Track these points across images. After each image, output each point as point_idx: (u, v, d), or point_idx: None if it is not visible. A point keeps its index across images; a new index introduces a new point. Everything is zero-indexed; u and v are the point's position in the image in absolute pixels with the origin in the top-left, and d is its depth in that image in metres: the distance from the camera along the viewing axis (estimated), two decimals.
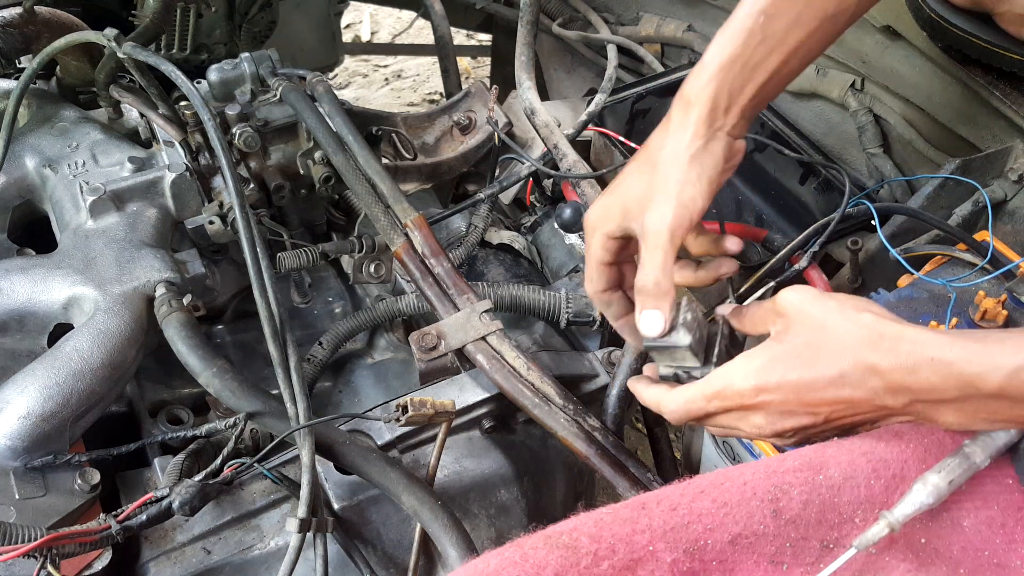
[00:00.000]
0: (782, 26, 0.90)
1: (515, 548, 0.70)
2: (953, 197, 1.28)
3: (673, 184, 0.90)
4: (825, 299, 0.79)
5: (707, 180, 0.90)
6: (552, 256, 1.38)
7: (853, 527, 0.73)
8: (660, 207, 0.89)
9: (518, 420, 1.15)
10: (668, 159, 0.91)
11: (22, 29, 1.29)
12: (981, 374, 0.70)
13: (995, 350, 0.70)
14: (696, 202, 0.89)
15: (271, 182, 1.23)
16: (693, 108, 0.92)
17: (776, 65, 0.91)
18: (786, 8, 0.90)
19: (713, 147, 0.91)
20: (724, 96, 0.91)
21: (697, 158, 0.90)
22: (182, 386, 1.19)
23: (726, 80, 0.91)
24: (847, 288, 1.23)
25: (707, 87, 0.91)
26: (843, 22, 0.92)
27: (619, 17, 1.78)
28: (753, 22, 0.90)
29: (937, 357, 0.72)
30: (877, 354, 0.74)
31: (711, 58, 0.92)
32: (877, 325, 0.75)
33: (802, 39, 0.90)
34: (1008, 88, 1.25)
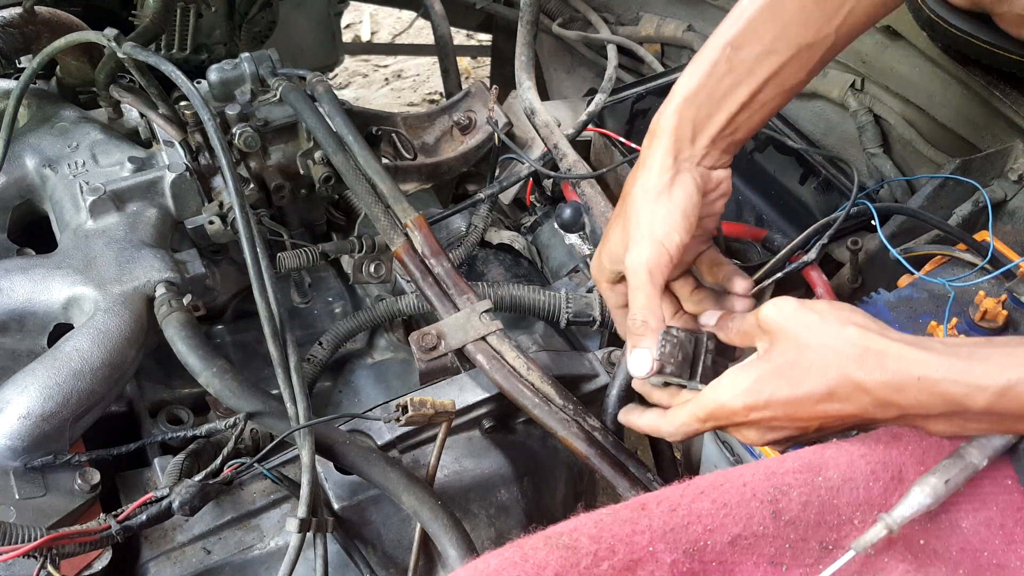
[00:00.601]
0: (750, 56, 0.89)
1: (515, 548, 0.70)
2: (953, 197, 1.28)
3: (645, 224, 0.90)
4: (807, 313, 0.79)
5: (680, 214, 0.89)
6: (552, 256, 1.38)
7: (852, 528, 0.73)
8: (635, 247, 0.90)
9: (518, 420, 1.15)
10: (639, 198, 0.92)
11: (22, 29, 1.29)
12: (968, 394, 0.70)
13: (981, 371, 0.70)
14: (671, 237, 0.89)
15: (271, 182, 1.23)
16: (658, 141, 0.92)
17: (746, 96, 0.90)
18: (754, 39, 0.89)
19: (682, 180, 0.91)
20: (688, 127, 0.91)
21: (664, 193, 0.90)
22: (182, 386, 1.19)
23: (688, 111, 0.91)
24: (847, 288, 1.24)
25: (670, 119, 0.91)
26: (823, 51, 0.90)
27: (619, 17, 1.78)
28: (719, 53, 0.90)
29: (923, 376, 0.72)
30: (863, 371, 0.74)
31: (676, 90, 0.92)
32: (862, 339, 0.75)
33: (775, 69, 0.89)
34: (1008, 88, 1.25)
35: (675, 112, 0.91)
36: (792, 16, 0.88)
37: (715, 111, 0.91)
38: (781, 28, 0.88)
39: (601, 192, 1.29)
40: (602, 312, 1.21)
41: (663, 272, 0.89)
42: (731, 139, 0.93)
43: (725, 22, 0.92)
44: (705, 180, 0.93)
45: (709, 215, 0.97)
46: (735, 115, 0.91)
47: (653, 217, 0.89)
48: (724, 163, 0.95)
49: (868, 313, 1.09)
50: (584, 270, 1.30)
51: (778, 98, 0.92)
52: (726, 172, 0.95)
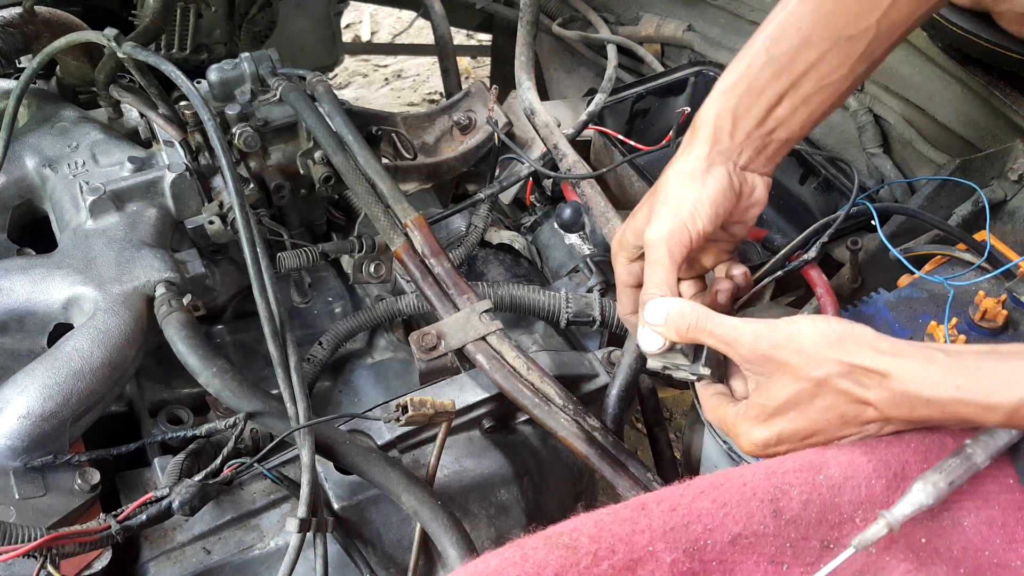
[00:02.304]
0: (789, 47, 0.88)
1: (515, 548, 0.70)
2: (953, 197, 1.28)
3: (672, 202, 0.90)
4: (793, 342, 0.77)
5: (708, 202, 0.89)
6: (552, 256, 1.38)
7: (853, 527, 0.73)
8: (657, 222, 0.90)
9: (518, 420, 1.15)
10: (670, 179, 0.91)
11: (22, 29, 1.29)
12: (980, 414, 0.71)
13: (990, 388, 0.70)
14: (695, 220, 0.88)
15: (271, 182, 1.23)
16: (697, 131, 0.92)
17: (784, 87, 0.89)
18: (793, 31, 0.88)
19: (717, 172, 0.90)
20: (727, 118, 0.90)
21: (697, 179, 0.90)
22: (182, 386, 1.19)
23: (729, 102, 0.90)
24: (847, 288, 1.23)
25: (710, 109, 0.91)
26: (865, 45, 0.88)
27: (619, 17, 1.78)
28: (759, 46, 0.90)
29: (932, 398, 0.72)
30: (870, 392, 0.74)
31: (718, 84, 0.92)
32: (858, 361, 0.74)
33: (813, 61, 0.88)
34: (1008, 88, 1.25)
35: (715, 103, 0.91)
36: (831, 8, 0.87)
37: (753, 103, 0.90)
38: (819, 20, 0.87)
39: (601, 192, 1.29)
40: (602, 312, 1.21)
41: (682, 250, 0.88)
42: (771, 137, 0.91)
43: (768, 17, 0.91)
44: (740, 180, 0.92)
45: (739, 222, 0.96)
46: (773, 107, 0.90)
47: (682, 197, 0.89)
48: (763, 169, 0.93)
49: (868, 314, 1.10)
50: (584, 270, 1.30)
51: (820, 95, 0.90)
52: (763, 180, 0.94)
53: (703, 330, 0.82)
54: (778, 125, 0.91)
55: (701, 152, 0.91)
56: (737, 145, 0.91)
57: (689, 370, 0.87)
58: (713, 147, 0.90)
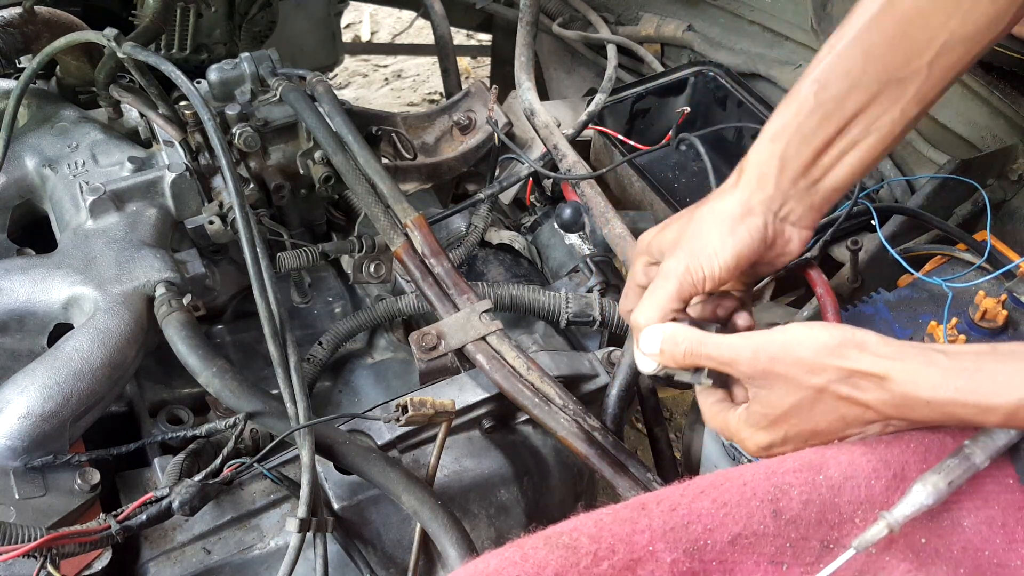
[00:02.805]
0: (838, 92, 0.85)
1: (515, 548, 0.70)
2: (953, 197, 1.28)
3: (699, 242, 0.88)
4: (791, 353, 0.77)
5: (732, 253, 0.87)
6: (552, 256, 1.38)
7: (853, 527, 0.73)
8: (679, 255, 0.88)
9: (518, 420, 1.15)
10: (706, 218, 0.89)
11: (22, 29, 1.29)
12: (979, 415, 0.71)
13: (989, 389, 0.70)
14: (713, 266, 0.87)
15: (271, 182, 1.23)
16: (744, 175, 0.89)
17: (833, 132, 0.86)
18: (841, 74, 0.85)
19: (752, 222, 0.88)
20: (774, 164, 0.87)
21: (729, 225, 0.87)
22: (182, 386, 1.19)
23: (777, 148, 0.87)
24: (847, 288, 1.23)
25: (757, 155, 0.89)
26: (916, 88, 0.84)
27: (619, 17, 1.78)
28: (806, 90, 0.87)
29: (931, 400, 0.72)
30: (869, 395, 0.74)
31: (765, 129, 0.89)
32: (858, 366, 0.74)
33: (861, 105, 0.85)
34: (1008, 88, 1.25)
35: (762, 149, 0.88)
36: (880, 50, 0.84)
37: (800, 149, 0.87)
38: (868, 62, 0.84)
39: (601, 192, 1.29)
40: (602, 312, 1.21)
41: (690, 289, 0.87)
42: (817, 187, 0.88)
43: (814, 60, 0.88)
44: (776, 233, 0.89)
45: (767, 264, 0.93)
46: (820, 153, 0.87)
47: (707, 242, 0.87)
48: (805, 222, 0.90)
49: (868, 314, 1.09)
50: (584, 270, 1.30)
51: (870, 139, 0.86)
52: (802, 233, 0.91)
53: (700, 354, 0.83)
54: (825, 173, 0.88)
55: (742, 198, 0.88)
56: (781, 194, 0.88)
57: (691, 379, 0.87)
58: (755, 194, 0.88)
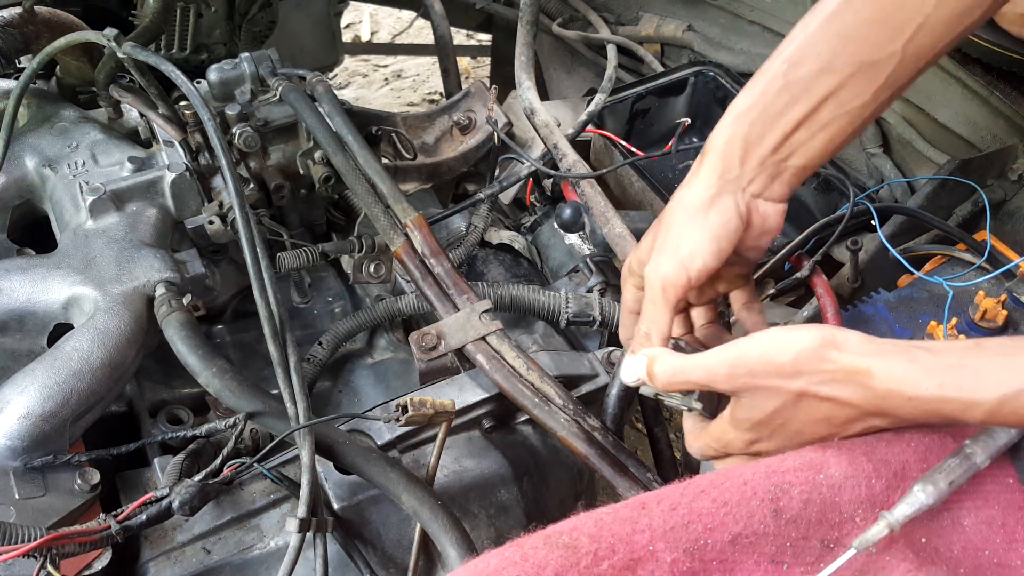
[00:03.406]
0: (808, 73, 0.83)
1: (515, 548, 0.70)
2: (953, 197, 1.28)
3: (673, 239, 0.87)
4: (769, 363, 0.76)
5: (710, 238, 0.86)
6: (552, 256, 1.38)
7: (854, 526, 0.73)
8: (657, 260, 0.88)
9: (518, 420, 1.15)
10: (675, 211, 0.89)
11: (22, 29, 1.29)
12: (963, 410, 0.70)
13: (973, 385, 0.69)
14: (694, 260, 0.86)
15: (271, 182, 1.23)
16: (707, 157, 0.88)
17: (801, 114, 0.84)
18: (812, 55, 0.83)
19: (723, 203, 0.86)
20: (737, 145, 0.86)
21: (701, 213, 0.86)
22: (182, 386, 1.19)
23: (740, 129, 0.86)
24: (847, 288, 1.24)
25: (721, 135, 0.87)
26: (889, 72, 0.82)
27: (619, 17, 1.78)
28: (776, 70, 0.85)
29: (914, 396, 0.71)
30: (851, 393, 0.74)
31: (731, 107, 0.88)
32: (839, 365, 0.74)
33: (833, 87, 0.83)
34: (1008, 88, 1.25)
35: (726, 128, 0.87)
36: (853, 32, 0.82)
37: (768, 129, 0.85)
38: (841, 44, 0.82)
39: (601, 192, 1.29)
40: (602, 312, 1.21)
41: (678, 291, 0.86)
42: (785, 164, 0.87)
43: (786, 39, 0.86)
44: (750, 209, 0.88)
45: (752, 248, 0.92)
46: (789, 134, 0.85)
47: (682, 234, 0.86)
48: (777, 195, 0.89)
49: (868, 314, 1.09)
50: (584, 270, 1.30)
51: (840, 121, 0.85)
52: (776, 207, 0.89)
53: (678, 381, 0.82)
54: (794, 151, 0.86)
55: (708, 181, 0.87)
56: (748, 172, 0.87)
57: (681, 402, 0.87)
58: (721, 176, 0.87)
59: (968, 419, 0.71)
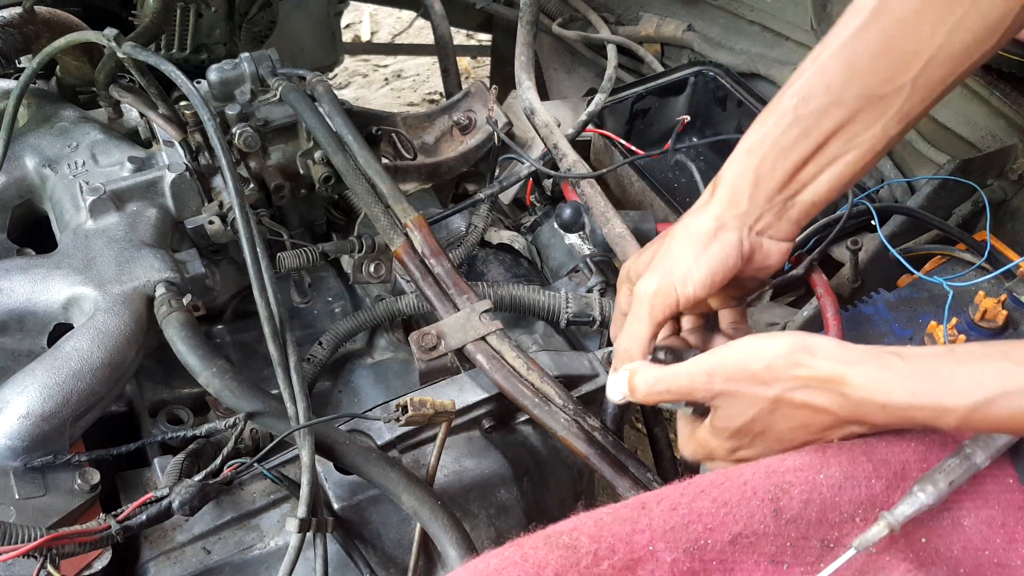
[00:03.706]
0: (817, 107, 0.83)
1: (515, 548, 0.70)
2: (953, 197, 1.28)
3: (669, 260, 0.87)
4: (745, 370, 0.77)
5: (706, 270, 0.85)
6: (552, 256, 1.38)
7: (854, 526, 0.73)
8: (650, 277, 0.88)
9: (518, 420, 1.14)
10: (679, 234, 0.88)
11: (22, 29, 1.29)
12: (937, 417, 0.70)
13: (945, 391, 0.69)
14: (686, 287, 0.85)
15: (271, 182, 1.23)
16: (718, 189, 0.88)
17: (810, 149, 0.83)
18: (821, 89, 0.83)
19: (725, 238, 0.86)
20: (748, 179, 0.85)
21: (702, 242, 0.86)
22: (182, 386, 1.19)
23: (751, 163, 0.85)
24: (847, 288, 1.23)
25: (732, 169, 0.87)
26: (899, 105, 0.81)
27: (619, 17, 1.78)
28: (786, 103, 0.84)
29: (887, 404, 0.71)
30: (827, 400, 0.74)
31: (742, 141, 0.87)
32: (812, 372, 0.74)
33: (841, 121, 0.82)
34: (1008, 88, 1.25)
35: (737, 163, 0.86)
36: (863, 64, 0.81)
37: (778, 164, 0.85)
38: (850, 77, 0.81)
39: (601, 192, 1.29)
40: (602, 312, 1.21)
41: (664, 311, 0.87)
42: (794, 200, 0.86)
43: (796, 71, 0.86)
44: (754, 247, 0.87)
45: (751, 278, 0.92)
46: (799, 168, 0.84)
47: (680, 260, 0.86)
48: (783, 234, 0.88)
49: (868, 314, 1.09)
50: (584, 270, 1.30)
51: (849, 155, 0.84)
52: (780, 246, 0.89)
53: (659, 391, 0.83)
54: (802, 188, 0.86)
55: (714, 213, 0.86)
56: (756, 209, 0.86)
57: (671, 406, 0.87)
58: (728, 210, 0.86)
59: (941, 425, 0.71)
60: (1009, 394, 0.67)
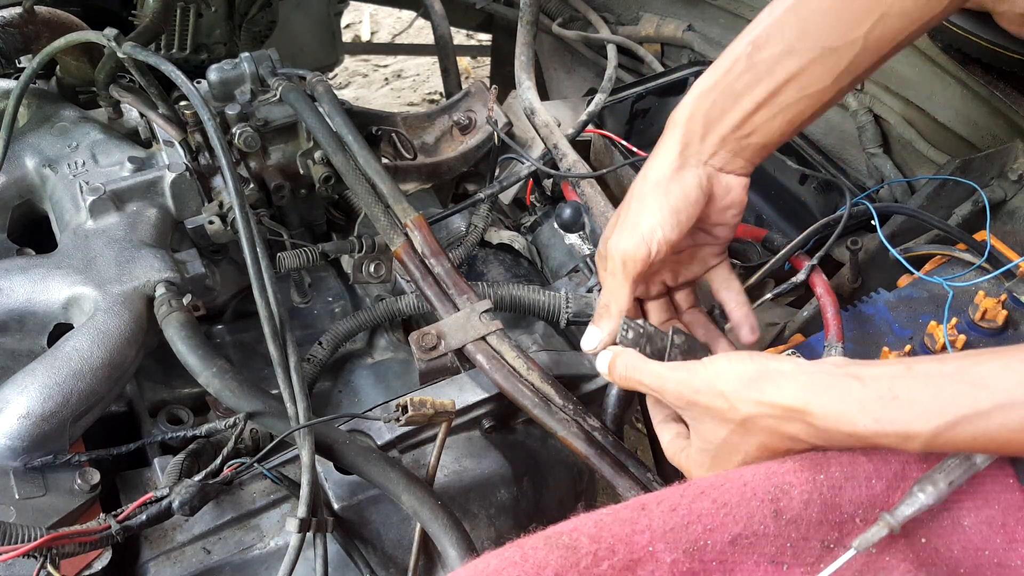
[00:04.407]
0: (771, 55, 0.86)
1: (515, 548, 0.70)
2: (953, 197, 1.28)
3: (635, 214, 0.90)
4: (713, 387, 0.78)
5: (670, 211, 0.88)
6: (552, 256, 1.38)
7: (854, 527, 0.73)
8: (619, 234, 0.90)
9: (518, 420, 1.15)
10: (639, 187, 0.91)
11: (22, 29, 1.29)
12: (900, 443, 0.71)
13: (906, 417, 0.69)
14: (655, 232, 0.88)
15: (271, 182, 1.23)
16: (670, 133, 0.91)
17: (763, 95, 0.87)
18: (777, 38, 0.86)
19: (685, 176, 0.89)
20: (699, 122, 0.89)
21: (662, 187, 0.89)
22: (182, 386, 1.19)
23: (702, 106, 0.89)
24: (847, 288, 1.23)
25: (683, 112, 0.90)
26: (851, 58, 0.85)
27: (619, 17, 1.78)
28: (740, 50, 0.88)
29: (852, 433, 0.72)
30: (793, 428, 0.75)
31: (696, 85, 0.91)
32: (775, 399, 0.75)
33: (795, 70, 0.86)
34: (1008, 88, 1.25)
35: (689, 106, 0.90)
36: (817, 17, 0.84)
37: (729, 108, 0.88)
38: (805, 29, 0.85)
39: (601, 192, 1.29)
40: None
41: (638, 264, 0.88)
42: (746, 141, 0.90)
43: (753, 22, 0.89)
44: (712, 181, 0.91)
45: (720, 224, 0.95)
46: (750, 114, 0.88)
47: (643, 209, 0.89)
48: (738, 169, 0.92)
49: (868, 314, 1.09)
50: (584, 270, 1.30)
51: (801, 104, 0.88)
52: (740, 180, 0.92)
53: (633, 379, 0.86)
54: (755, 130, 0.89)
55: (670, 157, 0.90)
56: (709, 147, 0.90)
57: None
58: (683, 151, 0.89)
59: (907, 449, 0.71)
60: (969, 418, 0.67)
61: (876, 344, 1.08)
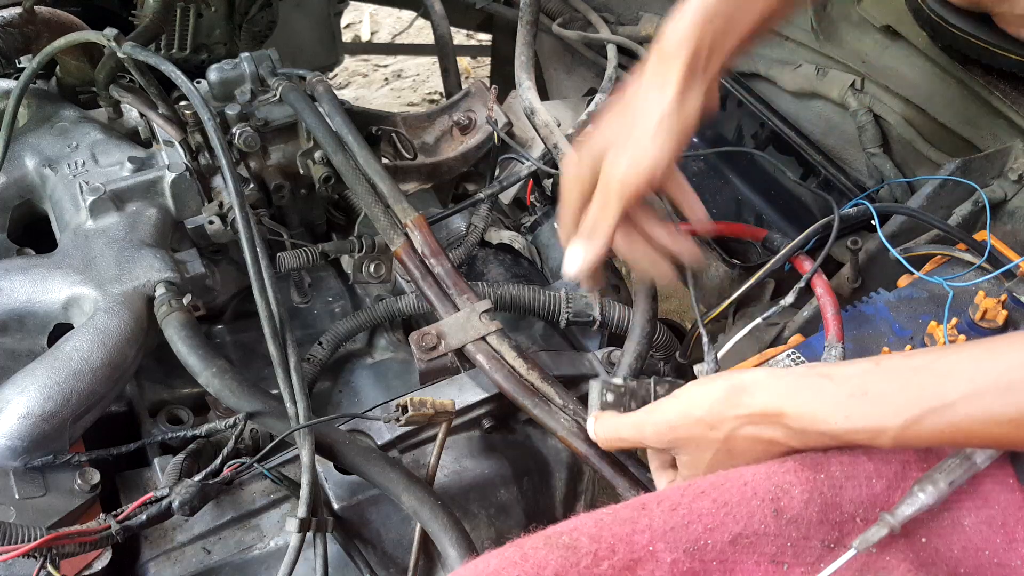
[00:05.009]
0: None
1: (515, 548, 0.70)
2: (953, 197, 1.28)
3: (637, 138, 0.89)
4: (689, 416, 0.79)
5: (675, 137, 0.89)
6: (552, 256, 1.38)
7: (855, 526, 0.73)
8: (619, 157, 0.89)
9: (518, 420, 1.15)
10: (641, 112, 0.90)
11: (22, 29, 1.29)
12: (871, 438, 0.71)
13: (877, 413, 0.70)
14: (657, 159, 0.88)
15: (271, 182, 1.23)
16: (673, 61, 0.90)
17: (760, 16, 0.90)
18: None
19: (689, 101, 0.89)
20: (705, 49, 0.89)
21: (670, 115, 0.89)
22: (182, 386, 1.19)
23: (707, 33, 0.89)
24: (847, 288, 1.23)
25: (689, 40, 0.89)
26: None
27: (619, 17, 1.77)
28: None
29: (826, 431, 0.72)
30: (773, 432, 0.75)
31: (692, 9, 0.90)
32: (752, 409, 0.75)
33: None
34: (1008, 88, 1.25)
35: (693, 34, 0.89)
36: None
37: (730, 33, 0.89)
38: None
39: None
40: (602, 312, 1.21)
41: (636, 189, 0.89)
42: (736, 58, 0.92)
43: None
44: (709, 100, 0.91)
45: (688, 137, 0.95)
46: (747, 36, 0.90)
47: (650, 136, 0.89)
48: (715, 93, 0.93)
49: (868, 314, 1.09)
50: None
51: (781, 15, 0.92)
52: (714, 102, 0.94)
53: (615, 439, 0.89)
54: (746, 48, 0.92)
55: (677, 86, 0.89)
56: (711, 72, 0.90)
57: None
58: (688, 76, 0.89)
59: (879, 445, 0.72)
60: (936, 410, 0.67)
61: (876, 344, 1.08)
